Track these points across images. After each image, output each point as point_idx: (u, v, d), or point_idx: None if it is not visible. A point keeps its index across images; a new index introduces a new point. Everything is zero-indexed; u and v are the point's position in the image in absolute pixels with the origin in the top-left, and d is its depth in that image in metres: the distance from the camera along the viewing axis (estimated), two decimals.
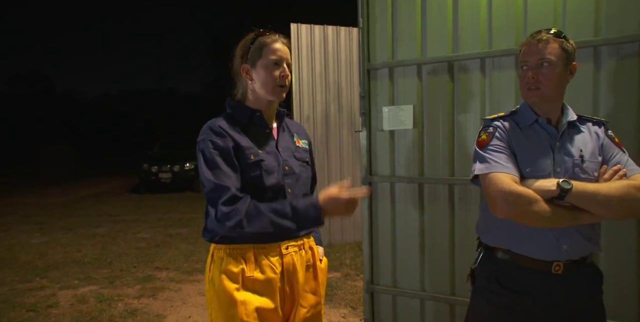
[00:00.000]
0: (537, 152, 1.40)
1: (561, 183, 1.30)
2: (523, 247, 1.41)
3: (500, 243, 1.46)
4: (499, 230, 1.46)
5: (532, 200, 1.30)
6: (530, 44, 1.40)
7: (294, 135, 1.56)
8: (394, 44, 2.59)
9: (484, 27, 2.34)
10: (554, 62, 1.37)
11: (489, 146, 1.42)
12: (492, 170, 1.37)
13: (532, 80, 1.38)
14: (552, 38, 1.38)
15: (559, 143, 1.41)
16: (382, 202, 2.70)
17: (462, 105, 2.42)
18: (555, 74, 1.37)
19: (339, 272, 4.39)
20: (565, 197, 1.29)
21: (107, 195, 11.35)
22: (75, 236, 6.34)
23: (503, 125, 1.46)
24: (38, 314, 3.44)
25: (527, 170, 1.39)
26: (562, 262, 1.38)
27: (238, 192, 1.32)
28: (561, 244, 1.37)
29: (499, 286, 1.44)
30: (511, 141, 1.43)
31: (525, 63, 1.42)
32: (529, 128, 1.45)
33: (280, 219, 1.31)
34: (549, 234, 1.37)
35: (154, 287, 4.00)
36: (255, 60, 1.42)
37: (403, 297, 2.66)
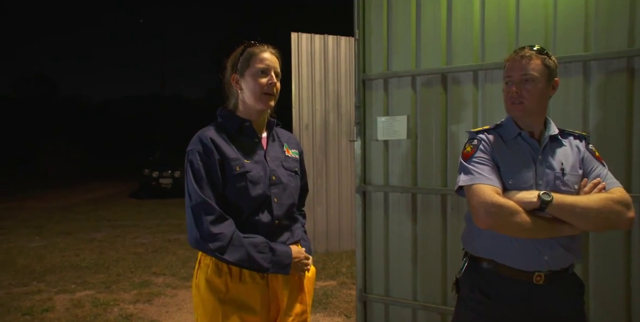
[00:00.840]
0: (520, 164, 1.44)
1: (542, 195, 1.33)
2: (505, 258, 1.43)
3: (483, 253, 1.49)
4: (483, 240, 1.49)
5: (514, 211, 1.33)
6: (514, 60, 1.44)
7: (284, 144, 1.59)
8: (389, 55, 2.63)
9: (477, 40, 2.39)
10: (537, 78, 1.41)
11: (473, 158, 1.46)
12: (476, 181, 1.41)
13: (516, 95, 1.42)
14: (535, 55, 1.42)
15: (541, 156, 1.45)
16: (375, 211, 2.72)
17: (455, 116, 2.46)
18: (537, 89, 1.41)
19: (335, 281, 4.40)
20: (545, 208, 1.33)
21: (107, 200, 11.39)
22: (73, 240, 6.36)
23: (487, 138, 1.50)
24: (33, 317, 3.46)
25: (510, 182, 1.42)
26: (543, 272, 1.40)
27: (221, 211, 1.37)
28: (542, 255, 1.39)
29: (481, 295, 1.46)
30: (495, 154, 1.46)
31: (509, 78, 1.46)
32: (513, 141, 1.49)
33: (256, 256, 1.38)
34: (530, 245, 1.40)
35: (150, 293, 4.01)
36: (244, 70, 1.46)
37: (395, 306, 2.67)
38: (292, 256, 1.46)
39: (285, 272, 1.44)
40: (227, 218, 1.36)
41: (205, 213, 1.33)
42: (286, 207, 1.50)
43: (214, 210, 1.34)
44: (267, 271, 1.40)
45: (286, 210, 1.50)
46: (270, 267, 1.39)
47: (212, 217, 1.33)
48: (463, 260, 1.60)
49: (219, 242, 1.32)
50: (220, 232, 1.33)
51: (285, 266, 1.43)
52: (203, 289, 1.40)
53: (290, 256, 1.45)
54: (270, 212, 1.45)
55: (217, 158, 1.39)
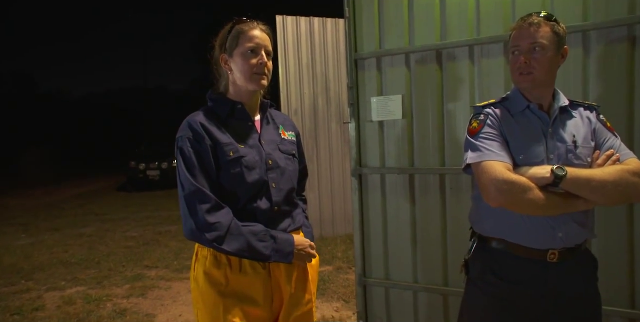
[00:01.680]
0: (530, 139, 1.37)
1: (555, 170, 1.27)
2: (517, 237, 1.38)
3: (494, 233, 1.43)
4: (493, 219, 1.43)
5: (527, 188, 1.26)
6: (521, 28, 1.36)
7: (280, 127, 1.50)
8: (381, 34, 2.54)
9: (472, 14, 2.30)
10: (547, 46, 1.33)
11: (481, 134, 1.38)
12: (485, 158, 1.34)
13: (525, 66, 1.34)
14: (544, 22, 1.34)
15: (552, 129, 1.38)
16: (372, 194, 2.66)
17: (452, 94, 2.39)
18: (547, 58, 1.34)
19: (331, 266, 4.36)
20: (559, 184, 1.26)
21: (94, 194, 11.19)
22: (62, 236, 6.22)
23: (494, 113, 1.43)
24: (23, 317, 3.36)
25: (520, 157, 1.36)
26: (557, 250, 1.35)
27: (217, 199, 1.29)
28: (556, 232, 1.34)
29: (493, 277, 1.41)
30: (503, 128, 1.39)
31: (516, 48, 1.37)
32: (521, 114, 1.42)
33: (257, 245, 1.30)
34: (543, 222, 1.34)
35: (143, 286, 3.93)
36: (232, 49, 1.36)
37: (396, 289, 2.63)
38: (295, 243, 1.38)
39: (287, 261, 1.36)
40: (224, 206, 1.28)
41: (200, 202, 1.25)
42: (285, 192, 1.41)
43: (209, 198, 1.25)
44: (269, 260, 1.32)
45: (285, 195, 1.42)
46: (272, 255, 1.32)
47: (208, 206, 1.25)
48: (472, 241, 1.54)
49: (217, 232, 1.24)
50: (217, 221, 1.24)
51: (288, 254, 1.36)
52: (202, 283, 1.32)
53: (292, 243, 1.37)
54: (269, 198, 1.37)
55: (209, 144, 1.30)
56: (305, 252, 1.42)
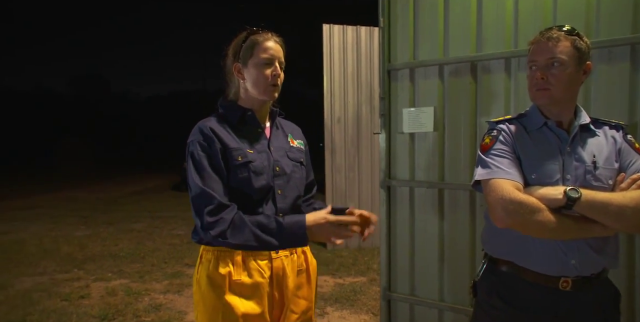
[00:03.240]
0: (544, 157, 1.30)
1: (568, 191, 1.19)
2: (527, 260, 1.30)
3: (503, 254, 1.37)
4: (502, 240, 1.36)
5: (535, 209, 1.19)
6: (539, 42, 1.30)
7: (288, 135, 1.53)
8: (415, 44, 2.50)
9: (510, 25, 2.21)
10: (565, 61, 1.26)
11: (492, 150, 1.33)
12: (494, 176, 1.28)
13: (541, 81, 1.28)
14: (564, 36, 1.28)
15: (570, 148, 1.30)
16: (400, 206, 2.61)
17: (486, 107, 2.30)
18: (566, 74, 1.27)
19: (365, 277, 4.31)
20: (573, 206, 1.18)
21: (150, 192, 11.81)
22: (115, 230, 6.62)
23: (508, 129, 1.37)
24: (70, 303, 3.60)
25: (533, 176, 1.29)
26: (570, 278, 1.26)
27: (224, 200, 1.30)
28: (569, 259, 1.25)
29: (499, 301, 1.34)
30: (516, 145, 1.33)
31: (533, 63, 1.32)
32: (538, 132, 1.35)
33: (264, 233, 1.28)
34: (555, 246, 1.26)
35: (180, 284, 4.09)
36: (246, 59, 1.39)
37: (421, 306, 2.56)
38: (307, 223, 1.30)
39: (301, 244, 1.34)
40: (229, 205, 1.30)
41: (204, 203, 1.29)
42: (291, 199, 1.43)
43: (212, 199, 1.28)
44: (278, 248, 1.32)
45: (291, 203, 1.43)
46: (281, 242, 1.30)
47: (211, 206, 1.28)
48: (482, 261, 1.47)
49: (220, 227, 1.26)
50: (219, 217, 1.27)
51: (299, 237, 1.31)
52: (204, 286, 1.36)
53: (302, 225, 1.30)
54: (274, 204, 1.39)
55: (218, 147, 1.34)
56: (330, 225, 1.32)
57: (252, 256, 1.36)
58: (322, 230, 1.31)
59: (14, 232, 6.47)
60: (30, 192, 11.37)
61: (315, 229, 1.31)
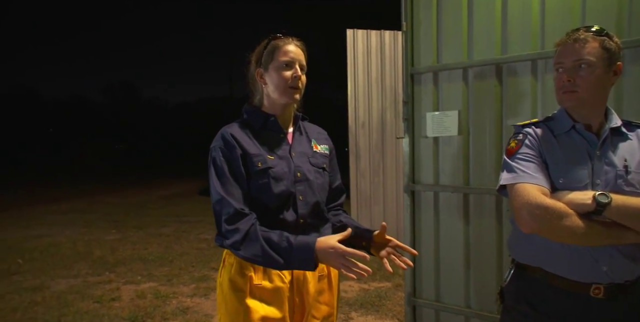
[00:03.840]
0: (573, 161, 1.26)
1: (598, 196, 1.15)
2: (556, 266, 1.27)
3: (531, 260, 1.34)
4: (530, 245, 1.33)
5: (562, 214, 1.16)
6: (565, 44, 1.27)
7: (312, 140, 1.53)
8: (438, 47, 2.48)
9: (536, 25, 2.17)
10: (593, 63, 1.23)
11: (518, 154, 1.31)
12: (519, 180, 1.26)
13: (568, 84, 1.25)
14: (592, 36, 1.24)
15: (599, 152, 1.26)
16: (425, 211, 2.58)
17: (512, 110, 2.26)
18: (594, 76, 1.23)
19: (390, 282, 4.27)
20: (603, 212, 1.14)
21: (178, 197, 12.06)
22: (144, 234, 6.78)
23: (534, 132, 1.34)
24: (102, 306, 3.71)
25: (560, 181, 1.25)
26: (602, 285, 1.22)
27: (243, 207, 1.32)
28: (600, 265, 1.21)
29: (528, 308, 1.31)
30: (542, 149, 1.30)
31: (560, 65, 1.28)
32: (565, 135, 1.31)
33: (272, 251, 1.27)
34: (585, 252, 1.22)
35: (207, 287, 4.15)
36: (267, 63, 1.41)
37: (446, 313, 2.52)
38: (317, 248, 1.23)
39: (309, 268, 1.27)
40: (247, 214, 1.31)
41: (223, 210, 1.31)
42: (312, 205, 1.43)
43: (230, 206, 1.30)
44: (284, 268, 1.31)
45: (312, 208, 1.43)
46: (287, 264, 1.28)
47: (228, 214, 1.30)
48: (509, 268, 1.44)
49: (234, 237, 1.28)
50: (236, 227, 1.29)
51: (307, 261, 1.24)
52: (226, 289, 1.38)
53: (311, 249, 1.24)
54: (295, 210, 1.40)
55: (239, 153, 1.36)
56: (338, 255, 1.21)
57: None
58: (330, 259, 1.23)
59: (50, 236, 6.71)
60: (65, 197, 11.79)
61: (322, 256, 1.24)
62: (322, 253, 1.24)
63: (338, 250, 1.22)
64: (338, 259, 1.22)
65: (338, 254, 1.22)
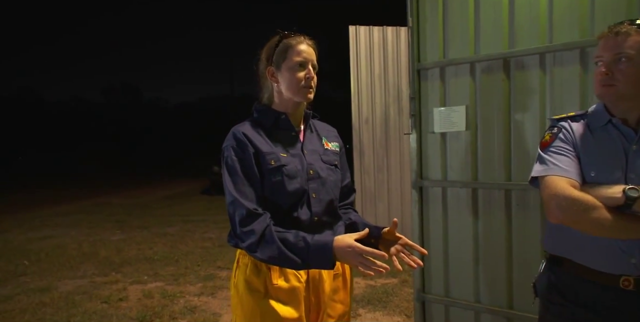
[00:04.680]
0: (606, 155, 1.27)
1: (627, 190, 1.15)
2: (585, 258, 1.28)
3: (561, 252, 1.36)
4: (560, 237, 1.35)
5: (590, 206, 1.17)
6: (607, 37, 1.25)
7: (323, 138, 1.52)
8: (445, 42, 2.46)
9: (544, 18, 2.15)
10: (633, 56, 1.20)
11: (551, 147, 1.33)
12: (550, 173, 1.28)
13: (606, 77, 1.23)
14: (635, 30, 1.22)
15: (636, 146, 1.25)
16: (433, 207, 2.58)
17: (520, 104, 2.25)
18: (634, 69, 1.21)
19: (396, 279, 4.27)
20: (632, 206, 1.15)
21: (181, 196, 12.08)
22: (149, 234, 6.79)
23: (570, 126, 1.35)
24: (110, 306, 3.71)
25: (592, 174, 1.26)
26: (632, 277, 1.22)
27: (256, 206, 1.31)
28: (629, 257, 1.22)
29: (560, 297, 1.33)
30: (577, 143, 1.31)
31: (599, 58, 1.27)
32: (601, 129, 1.31)
33: (288, 251, 1.26)
34: (613, 244, 1.23)
35: (214, 286, 4.15)
36: (280, 62, 1.40)
37: (456, 308, 2.52)
38: (335, 247, 1.23)
39: (328, 266, 1.26)
40: (260, 214, 1.30)
41: (236, 211, 1.31)
42: (326, 202, 1.42)
43: (243, 207, 1.30)
44: (301, 268, 1.30)
45: (326, 206, 1.42)
46: (305, 264, 1.27)
47: (242, 215, 1.29)
48: (542, 261, 1.46)
49: (250, 239, 1.28)
50: (251, 229, 1.28)
51: (325, 260, 1.24)
52: (242, 290, 1.37)
53: (329, 249, 1.24)
54: (309, 208, 1.39)
55: (252, 152, 1.35)
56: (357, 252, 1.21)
57: None
58: (348, 258, 1.23)
59: (55, 237, 6.73)
60: (69, 199, 11.81)
61: (339, 255, 1.24)
62: (340, 252, 1.24)
63: (356, 249, 1.21)
64: (356, 257, 1.21)
65: (356, 252, 1.21)
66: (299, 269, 1.32)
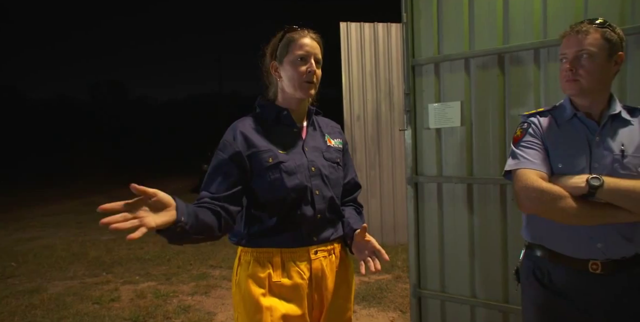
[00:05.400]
0: (572, 147, 1.35)
1: (590, 180, 1.24)
2: (556, 244, 1.38)
3: (535, 239, 1.45)
4: (535, 226, 1.44)
5: (557, 196, 1.25)
6: (569, 35, 1.35)
7: (326, 134, 1.50)
8: (439, 38, 2.46)
9: (538, 14, 2.16)
10: (594, 53, 1.30)
11: (521, 142, 1.42)
12: (520, 166, 1.37)
13: (570, 73, 1.33)
14: (594, 28, 1.31)
15: (599, 138, 1.34)
16: (428, 203, 2.58)
17: (515, 99, 2.26)
18: (595, 65, 1.30)
19: (390, 274, 4.29)
20: (595, 194, 1.24)
21: (170, 194, 11.91)
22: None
23: (538, 121, 1.44)
24: (102, 307, 3.66)
25: (559, 166, 1.35)
26: (599, 261, 1.30)
27: (210, 198, 1.29)
28: (594, 242, 1.30)
29: (537, 283, 1.41)
30: (545, 137, 1.39)
31: (563, 55, 1.37)
32: (568, 123, 1.40)
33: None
34: (580, 231, 1.31)
35: (207, 285, 4.12)
36: (282, 56, 1.38)
37: (452, 302, 2.53)
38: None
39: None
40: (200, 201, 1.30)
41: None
42: (328, 200, 1.41)
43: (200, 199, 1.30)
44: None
45: (329, 203, 1.41)
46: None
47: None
48: (522, 250, 1.54)
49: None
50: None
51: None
52: (244, 287, 1.35)
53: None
54: (312, 205, 1.37)
55: (237, 150, 1.33)
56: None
57: (292, 257, 1.35)
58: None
59: (44, 238, 6.62)
60: (56, 199, 11.62)
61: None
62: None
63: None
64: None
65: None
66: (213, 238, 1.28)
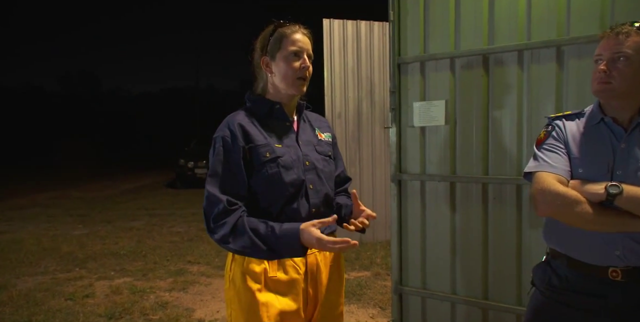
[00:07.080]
0: (594, 153, 1.32)
1: (609, 187, 1.21)
2: (574, 250, 1.35)
3: (556, 246, 1.42)
4: (553, 230, 1.42)
5: (573, 201, 1.23)
6: (608, 37, 1.29)
7: (316, 128, 1.51)
8: (425, 37, 2.49)
9: (523, 17, 2.21)
10: (631, 56, 1.25)
11: (544, 145, 1.40)
12: (539, 169, 1.35)
13: (603, 74, 1.28)
14: (635, 31, 1.26)
15: (625, 144, 1.30)
16: (411, 200, 2.61)
17: (498, 100, 2.30)
18: (631, 69, 1.25)
19: (369, 272, 4.32)
20: (613, 201, 1.21)
21: (145, 189, 11.72)
22: (113, 228, 6.56)
23: (563, 124, 1.41)
24: (75, 303, 3.57)
25: (580, 171, 1.32)
26: (618, 268, 1.28)
27: (232, 199, 1.29)
28: (613, 250, 1.27)
29: (554, 286, 1.39)
30: (568, 141, 1.37)
31: (599, 57, 1.31)
32: (594, 128, 1.36)
33: (258, 240, 1.26)
34: (597, 237, 1.29)
35: (185, 281, 4.06)
36: (274, 52, 1.37)
37: (433, 299, 2.57)
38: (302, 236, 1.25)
39: (298, 254, 1.28)
40: (235, 208, 1.29)
41: (211, 205, 1.30)
42: (323, 194, 1.41)
43: (219, 203, 1.28)
44: (272, 256, 1.30)
45: (323, 197, 1.42)
46: (270, 253, 1.27)
47: (217, 210, 1.28)
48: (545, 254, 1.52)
49: (222, 231, 1.27)
50: (224, 221, 1.27)
51: (295, 247, 1.26)
52: (239, 283, 1.33)
53: (295, 236, 1.25)
54: (307, 199, 1.37)
55: (241, 145, 1.32)
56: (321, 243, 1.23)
57: None
58: (316, 247, 1.26)
59: (11, 232, 6.39)
60: (24, 192, 11.23)
61: (308, 244, 1.26)
62: (307, 242, 1.26)
63: (322, 241, 1.22)
64: (324, 247, 1.24)
65: (322, 243, 1.23)
66: (267, 259, 1.31)
